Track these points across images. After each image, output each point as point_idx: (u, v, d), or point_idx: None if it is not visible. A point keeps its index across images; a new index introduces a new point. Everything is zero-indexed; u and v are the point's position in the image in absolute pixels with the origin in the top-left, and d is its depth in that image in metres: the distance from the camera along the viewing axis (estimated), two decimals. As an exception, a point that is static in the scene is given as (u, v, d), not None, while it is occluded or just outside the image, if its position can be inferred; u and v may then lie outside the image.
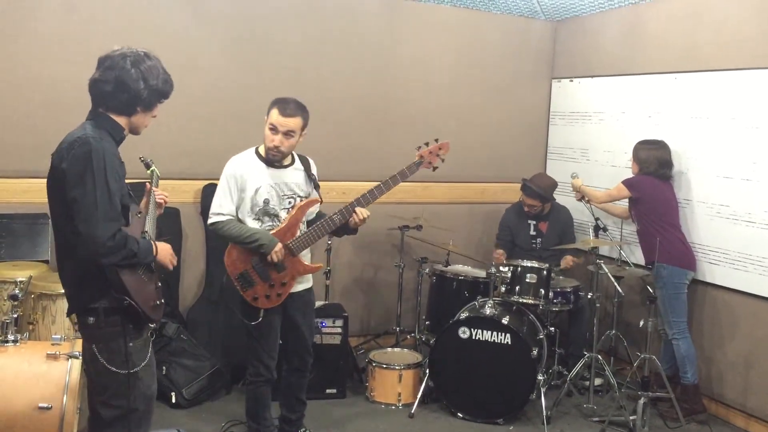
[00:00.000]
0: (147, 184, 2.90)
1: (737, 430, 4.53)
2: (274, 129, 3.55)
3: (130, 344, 2.60)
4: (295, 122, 3.56)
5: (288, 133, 3.56)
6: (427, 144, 3.84)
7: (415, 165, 3.81)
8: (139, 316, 2.59)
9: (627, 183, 4.71)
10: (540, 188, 5.22)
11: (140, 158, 2.98)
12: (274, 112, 3.56)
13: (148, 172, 2.97)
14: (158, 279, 2.76)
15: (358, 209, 3.64)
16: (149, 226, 2.74)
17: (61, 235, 2.60)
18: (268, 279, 3.60)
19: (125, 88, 2.57)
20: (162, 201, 2.92)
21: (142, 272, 2.63)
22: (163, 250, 2.73)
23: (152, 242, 2.66)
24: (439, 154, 3.85)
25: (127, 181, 2.65)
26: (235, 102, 5.01)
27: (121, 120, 2.63)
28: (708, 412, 4.65)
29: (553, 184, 5.33)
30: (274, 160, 3.63)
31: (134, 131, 2.72)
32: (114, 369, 2.60)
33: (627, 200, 4.81)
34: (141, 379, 2.65)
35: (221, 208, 3.59)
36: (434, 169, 3.86)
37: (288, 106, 3.57)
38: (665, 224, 4.60)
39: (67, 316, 2.72)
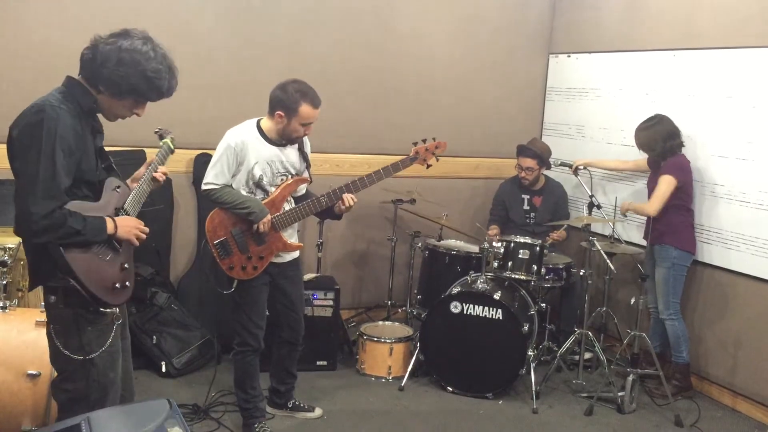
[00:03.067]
0: (151, 156, 2.80)
1: (725, 408, 4.57)
2: (307, 124, 3.55)
3: (88, 328, 2.48)
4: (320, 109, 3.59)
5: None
6: (424, 141, 3.79)
7: (408, 159, 3.76)
8: (93, 299, 2.42)
9: (673, 170, 4.47)
10: (537, 148, 5.23)
11: (155, 130, 2.89)
12: (306, 108, 3.49)
13: (161, 143, 2.85)
14: (129, 259, 2.58)
15: (345, 195, 3.63)
16: (130, 202, 2.61)
17: None
18: (246, 251, 3.59)
19: (95, 58, 2.41)
20: (159, 177, 2.78)
21: (99, 251, 2.44)
22: (125, 226, 2.51)
23: (107, 219, 2.45)
24: (435, 152, 3.79)
25: (119, 148, 2.55)
26: (228, 72, 4.94)
27: (92, 91, 2.47)
28: (695, 390, 4.69)
29: (548, 149, 5.32)
30: (279, 141, 3.62)
31: (104, 114, 2.56)
32: (67, 353, 2.47)
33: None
34: (96, 365, 2.51)
35: (216, 178, 3.56)
36: (428, 166, 3.83)
37: (315, 95, 3.54)
38: (685, 206, 4.56)
39: (29, 291, 2.64)
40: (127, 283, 2.56)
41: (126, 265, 2.56)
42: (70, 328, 2.47)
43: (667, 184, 4.45)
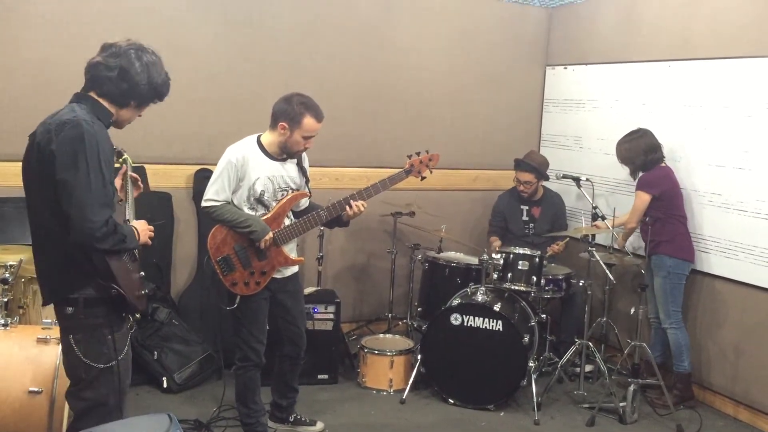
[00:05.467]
0: (124, 166, 2.84)
1: (726, 417, 4.56)
2: (308, 138, 3.58)
3: (109, 337, 2.54)
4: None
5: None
6: (418, 153, 3.83)
7: (404, 172, 3.81)
8: (122, 306, 2.53)
9: (643, 186, 4.56)
10: (534, 162, 5.24)
11: (115, 148, 2.86)
12: (310, 120, 3.54)
13: (120, 160, 2.87)
14: (140, 269, 2.71)
15: (354, 203, 3.65)
16: (130, 214, 2.71)
17: (41, 220, 2.51)
18: (248, 266, 3.60)
19: (127, 78, 2.51)
20: (136, 178, 2.84)
21: (126, 259, 2.58)
22: (142, 231, 2.67)
23: (133, 228, 2.61)
24: (429, 165, 3.85)
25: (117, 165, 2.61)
26: (228, 86, 4.98)
27: (111, 108, 2.57)
28: (697, 400, 4.68)
29: (546, 161, 5.34)
30: (280, 156, 3.65)
31: (117, 124, 2.65)
32: (88, 362, 2.52)
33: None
34: (115, 373, 2.57)
35: (217, 194, 3.56)
36: (422, 178, 3.88)
37: (319, 109, 3.59)
38: (675, 215, 4.58)
39: (43, 306, 2.67)
40: (146, 291, 2.72)
41: (142, 273, 2.70)
42: (96, 336, 2.53)
43: (639, 199, 4.57)
